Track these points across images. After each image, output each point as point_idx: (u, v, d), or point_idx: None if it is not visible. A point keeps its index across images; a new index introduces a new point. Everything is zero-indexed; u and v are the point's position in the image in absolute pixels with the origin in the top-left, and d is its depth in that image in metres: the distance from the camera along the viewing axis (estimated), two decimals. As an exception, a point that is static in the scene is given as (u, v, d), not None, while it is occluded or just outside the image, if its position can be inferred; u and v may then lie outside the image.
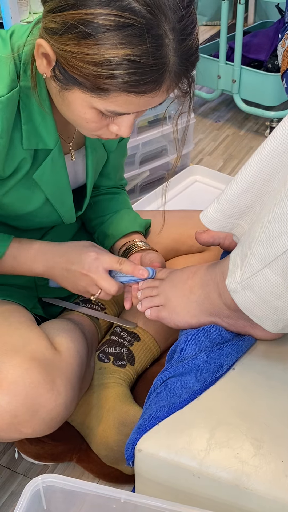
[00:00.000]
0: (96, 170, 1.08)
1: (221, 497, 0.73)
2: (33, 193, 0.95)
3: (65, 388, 0.90)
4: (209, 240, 0.95)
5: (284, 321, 0.76)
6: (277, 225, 0.70)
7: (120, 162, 1.18)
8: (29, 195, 0.94)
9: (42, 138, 0.89)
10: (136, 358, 1.11)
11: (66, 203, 1.01)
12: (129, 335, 1.12)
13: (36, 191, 0.95)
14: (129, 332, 1.12)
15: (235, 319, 0.87)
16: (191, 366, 0.83)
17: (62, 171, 0.96)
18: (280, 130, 0.73)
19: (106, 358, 1.09)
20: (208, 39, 2.72)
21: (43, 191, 0.95)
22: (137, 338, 1.12)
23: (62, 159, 0.94)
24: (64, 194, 0.99)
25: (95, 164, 1.06)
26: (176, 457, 0.74)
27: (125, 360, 1.09)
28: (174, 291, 0.92)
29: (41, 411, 0.86)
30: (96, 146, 1.04)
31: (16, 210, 0.96)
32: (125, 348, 1.11)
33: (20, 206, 0.96)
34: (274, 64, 2.21)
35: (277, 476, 0.70)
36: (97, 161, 1.07)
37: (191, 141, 1.89)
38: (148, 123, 1.72)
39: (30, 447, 1.06)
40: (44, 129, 0.89)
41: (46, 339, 0.94)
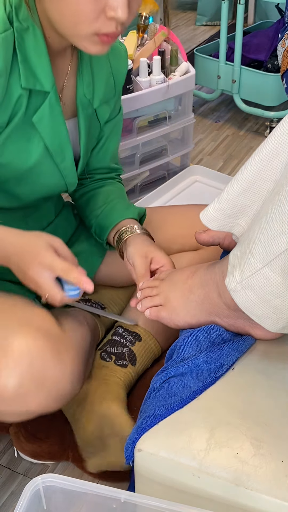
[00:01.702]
0: (89, 140, 1.07)
1: (221, 496, 0.72)
2: (31, 143, 0.94)
3: (71, 362, 0.89)
4: (209, 240, 0.95)
5: (284, 320, 0.76)
6: (276, 225, 0.70)
7: (113, 143, 1.16)
8: (27, 146, 0.94)
9: (38, 79, 0.90)
10: (137, 358, 1.11)
11: (67, 158, 1.00)
12: (130, 335, 1.12)
13: (35, 140, 0.94)
14: (130, 332, 1.12)
15: (235, 318, 0.87)
16: (190, 366, 0.83)
17: (60, 119, 0.96)
18: (279, 130, 0.73)
19: (108, 357, 1.09)
20: (208, 39, 2.72)
21: (42, 138, 0.94)
22: (139, 338, 1.12)
23: (59, 106, 0.95)
24: (63, 146, 0.99)
25: (88, 130, 1.05)
26: (176, 457, 0.74)
27: (126, 360, 1.09)
28: (174, 291, 0.92)
29: (47, 383, 0.84)
30: (88, 115, 1.04)
31: (17, 167, 0.95)
32: (126, 348, 1.11)
33: (20, 161, 0.94)
34: (274, 64, 2.21)
35: (277, 476, 0.70)
36: (90, 130, 1.06)
37: (191, 141, 1.89)
38: (148, 123, 1.72)
39: (27, 445, 1.06)
40: (40, 70, 0.90)
41: (52, 318, 0.93)
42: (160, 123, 1.74)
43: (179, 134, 1.87)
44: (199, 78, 2.22)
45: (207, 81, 2.25)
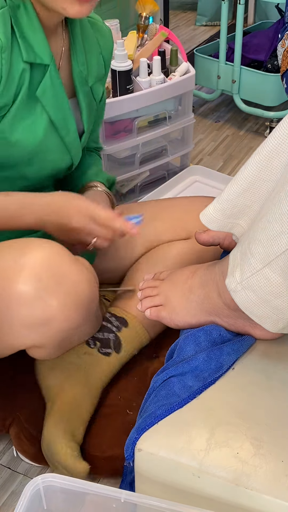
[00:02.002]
0: (90, 116, 1.10)
1: (220, 496, 0.73)
2: (37, 118, 0.95)
3: (88, 269, 0.90)
4: (209, 240, 0.95)
5: (284, 321, 0.76)
6: (276, 225, 0.71)
7: (99, 125, 1.22)
8: (34, 122, 0.95)
9: (37, 54, 0.92)
10: (123, 345, 1.08)
11: (71, 132, 1.02)
12: (117, 320, 1.10)
13: (40, 115, 0.96)
14: (117, 317, 1.10)
15: (235, 318, 0.87)
16: (191, 365, 0.83)
17: (61, 91, 0.98)
18: (279, 130, 0.73)
19: (92, 343, 1.07)
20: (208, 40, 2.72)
21: (46, 112, 0.96)
22: (125, 323, 1.10)
23: (59, 79, 0.97)
24: (67, 120, 1.01)
25: (88, 107, 1.08)
26: (176, 457, 0.74)
27: (111, 347, 1.07)
28: (174, 291, 0.92)
29: (65, 281, 0.85)
30: (86, 92, 1.06)
31: (26, 144, 0.96)
32: (112, 333, 1.08)
33: (28, 138, 0.95)
34: (274, 64, 2.21)
35: (277, 476, 0.70)
36: (90, 107, 1.09)
37: (191, 141, 1.89)
38: (148, 123, 1.72)
39: (29, 447, 1.06)
40: (37, 44, 0.91)
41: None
42: (160, 123, 1.74)
43: (179, 134, 1.87)
44: (199, 78, 2.22)
45: (207, 81, 2.25)
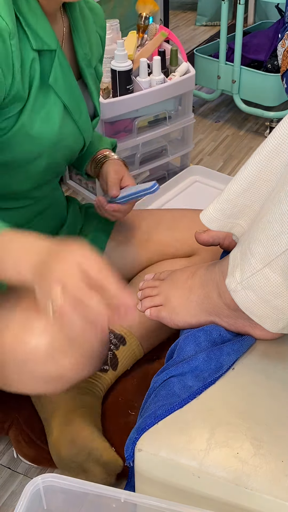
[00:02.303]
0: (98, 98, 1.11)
1: (221, 496, 0.73)
2: (53, 107, 0.95)
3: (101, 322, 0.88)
4: (209, 240, 0.95)
5: (284, 321, 0.76)
6: (276, 225, 0.71)
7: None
8: (50, 112, 0.94)
9: (43, 40, 0.91)
10: (119, 363, 1.10)
11: (83, 113, 1.02)
12: (115, 338, 1.11)
13: (54, 103, 0.95)
14: (115, 334, 1.11)
15: (235, 318, 0.87)
16: (190, 365, 0.83)
17: (71, 75, 0.98)
18: (279, 130, 0.73)
19: None
20: (208, 40, 2.72)
21: (60, 98, 0.95)
22: (123, 341, 1.11)
23: (67, 62, 0.96)
24: (79, 102, 1.01)
25: (97, 90, 1.09)
26: (176, 457, 0.74)
27: (108, 364, 1.09)
28: (174, 291, 0.92)
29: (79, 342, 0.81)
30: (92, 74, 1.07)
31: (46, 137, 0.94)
32: (110, 352, 1.10)
33: (48, 130, 0.94)
34: (274, 64, 2.21)
35: (277, 476, 0.70)
36: (97, 89, 1.10)
37: (191, 141, 1.89)
38: (148, 123, 1.72)
39: (28, 450, 1.06)
40: (42, 30, 0.90)
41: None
42: (160, 123, 1.74)
43: (179, 134, 1.88)
44: (199, 78, 2.22)
45: (207, 81, 2.25)
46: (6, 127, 0.90)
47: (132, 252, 1.21)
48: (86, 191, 1.83)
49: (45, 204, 1.11)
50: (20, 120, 0.91)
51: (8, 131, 0.91)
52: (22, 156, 0.95)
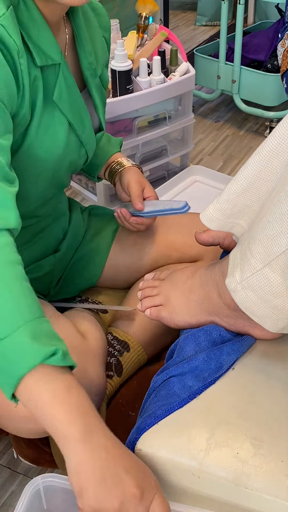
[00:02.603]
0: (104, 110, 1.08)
1: (220, 496, 0.73)
2: (58, 124, 0.91)
3: (97, 375, 0.87)
4: (209, 240, 0.95)
5: (284, 321, 0.76)
6: (276, 225, 0.71)
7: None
8: (56, 129, 0.91)
9: (46, 54, 0.86)
10: (124, 370, 1.10)
11: (86, 126, 0.98)
12: (119, 344, 1.11)
13: (59, 120, 0.92)
14: (119, 340, 1.11)
15: (235, 318, 0.87)
16: (190, 365, 0.83)
17: (75, 89, 0.94)
18: (279, 129, 0.73)
19: None
20: (207, 40, 2.72)
21: (64, 115, 0.92)
22: (127, 348, 1.11)
23: (71, 75, 0.92)
24: (82, 116, 0.97)
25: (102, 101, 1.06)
26: (176, 457, 0.74)
27: (112, 371, 1.08)
28: (174, 291, 0.92)
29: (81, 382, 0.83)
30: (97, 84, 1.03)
31: (52, 156, 0.92)
32: (114, 358, 1.09)
33: (55, 148, 0.92)
34: (274, 64, 2.21)
35: (277, 476, 0.70)
36: (102, 100, 1.06)
37: (191, 141, 1.89)
38: (148, 123, 1.72)
39: (28, 451, 1.06)
40: (45, 43, 0.85)
41: (73, 326, 0.91)
42: (160, 123, 1.74)
43: (179, 134, 1.88)
44: (199, 78, 2.22)
45: (207, 81, 2.25)
46: (12, 149, 0.85)
47: (137, 255, 1.20)
48: (86, 191, 1.83)
49: (47, 222, 1.10)
50: (26, 141, 0.88)
51: (14, 153, 0.86)
52: (27, 178, 0.92)
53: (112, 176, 1.19)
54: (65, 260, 1.16)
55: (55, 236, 1.13)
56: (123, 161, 1.18)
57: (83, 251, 1.19)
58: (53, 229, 1.12)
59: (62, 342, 0.66)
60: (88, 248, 1.19)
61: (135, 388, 1.12)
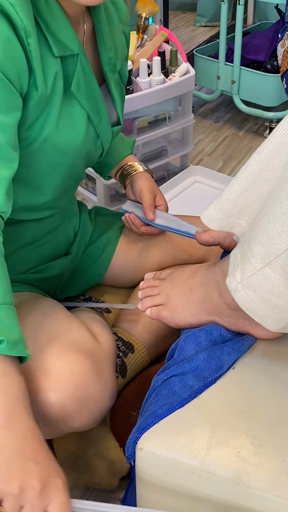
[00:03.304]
0: (122, 105, 1.07)
1: (221, 496, 0.73)
2: (76, 115, 0.91)
3: (110, 378, 0.88)
4: (209, 240, 0.95)
5: (284, 320, 0.76)
6: (277, 225, 0.71)
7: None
8: (74, 118, 0.91)
9: (65, 44, 0.86)
10: (128, 371, 1.10)
11: (103, 119, 0.97)
12: (124, 345, 1.11)
13: (78, 111, 0.91)
14: (124, 341, 1.11)
15: (236, 318, 0.87)
16: (191, 365, 0.83)
17: (93, 80, 0.93)
18: (280, 129, 0.74)
19: None
20: (207, 40, 2.73)
21: (82, 105, 0.91)
22: (132, 349, 1.11)
23: (89, 67, 0.92)
24: (99, 107, 0.96)
25: (120, 97, 1.04)
26: (177, 456, 0.74)
27: (117, 372, 1.08)
28: (175, 291, 0.92)
29: (89, 403, 0.83)
30: (116, 79, 1.02)
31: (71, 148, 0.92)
32: (119, 359, 1.09)
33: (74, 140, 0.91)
34: (274, 64, 2.21)
35: (278, 475, 0.71)
36: (121, 96, 1.05)
37: (191, 141, 1.89)
38: (148, 123, 1.72)
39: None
40: (63, 34, 0.85)
41: (86, 329, 0.91)
42: (160, 123, 1.74)
43: (179, 134, 1.88)
44: (198, 79, 2.22)
45: (207, 81, 2.25)
46: (30, 137, 0.86)
47: (143, 255, 1.20)
48: (86, 191, 1.83)
49: (61, 220, 1.10)
50: (45, 131, 0.87)
51: (32, 142, 0.87)
52: (45, 168, 0.92)
53: (123, 179, 1.19)
54: (75, 262, 1.17)
55: (67, 236, 1.13)
56: (135, 165, 1.18)
57: (89, 250, 1.19)
58: (65, 229, 1.12)
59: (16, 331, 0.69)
60: (94, 247, 1.20)
61: (136, 388, 1.12)
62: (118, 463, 0.98)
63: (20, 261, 1.03)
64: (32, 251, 1.05)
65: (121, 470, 0.99)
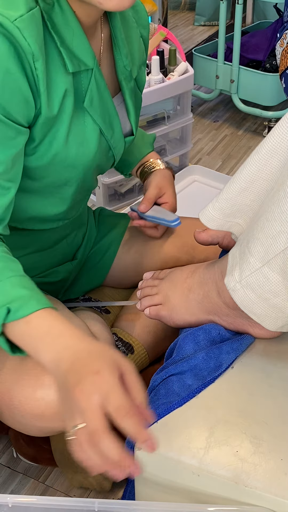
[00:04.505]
0: (137, 114, 1.04)
1: (220, 495, 0.73)
2: (88, 131, 0.89)
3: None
4: (208, 239, 0.95)
5: (283, 319, 0.76)
6: (276, 224, 0.71)
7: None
8: (85, 134, 0.89)
9: (79, 59, 0.83)
10: None
11: (115, 131, 0.95)
12: (123, 346, 1.11)
13: (89, 126, 0.89)
14: (124, 342, 1.11)
15: (234, 317, 0.87)
16: (190, 364, 0.83)
17: (107, 94, 0.91)
18: (278, 129, 0.74)
19: None
20: (206, 39, 2.73)
21: (95, 121, 0.89)
22: (131, 350, 1.11)
23: (103, 80, 0.89)
24: (112, 121, 0.94)
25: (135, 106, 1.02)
26: (176, 455, 0.74)
27: None
28: (173, 290, 0.92)
29: None
30: (131, 88, 0.99)
31: (82, 163, 0.91)
32: None
33: (84, 154, 0.90)
34: (272, 64, 2.21)
35: (276, 474, 0.71)
36: (136, 103, 1.03)
37: (190, 141, 1.89)
38: (147, 123, 1.72)
39: (27, 449, 1.06)
40: (79, 47, 0.83)
41: (86, 328, 0.91)
42: (159, 123, 1.74)
43: (178, 133, 1.88)
44: (197, 78, 2.22)
45: (206, 81, 2.25)
46: (39, 153, 0.85)
47: (145, 257, 1.19)
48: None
49: (73, 227, 1.09)
50: (53, 148, 0.85)
51: (41, 157, 0.86)
52: (57, 181, 0.91)
53: (143, 176, 1.19)
54: (79, 266, 1.17)
55: (76, 242, 1.13)
56: (156, 162, 1.17)
57: (91, 253, 1.19)
58: (76, 236, 1.12)
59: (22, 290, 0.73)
60: (96, 250, 1.19)
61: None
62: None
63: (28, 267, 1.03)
64: (41, 258, 1.05)
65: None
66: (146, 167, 1.18)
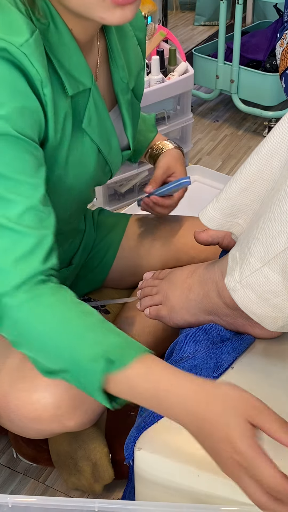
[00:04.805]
0: (134, 126, 1.03)
1: (220, 495, 0.73)
2: (87, 151, 0.88)
3: None
4: (208, 239, 0.95)
5: (283, 319, 0.76)
6: (276, 224, 0.71)
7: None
8: (84, 155, 0.88)
9: (77, 80, 0.82)
10: None
11: (113, 147, 0.94)
12: None
13: (88, 146, 0.88)
14: None
15: (234, 317, 0.87)
16: (190, 364, 0.83)
17: (105, 112, 0.89)
18: (278, 129, 0.74)
19: None
20: (206, 39, 2.73)
21: (93, 141, 0.88)
22: None
23: (101, 98, 0.88)
24: (110, 138, 0.93)
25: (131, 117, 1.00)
26: (176, 455, 0.74)
27: None
28: (173, 290, 0.92)
29: (84, 402, 0.83)
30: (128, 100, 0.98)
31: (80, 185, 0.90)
32: None
33: (84, 177, 0.90)
34: (272, 64, 2.21)
35: (276, 474, 0.70)
36: (133, 115, 1.01)
37: (190, 141, 1.89)
38: (146, 123, 1.72)
39: (27, 449, 1.06)
40: (76, 68, 0.81)
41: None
42: (159, 123, 1.74)
43: (178, 133, 1.88)
44: (197, 78, 2.22)
45: (206, 81, 2.25)
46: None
47: (145, 258, 1.19)
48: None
49: (69, 236, 1.09)
50: (55, 172, 0.84)
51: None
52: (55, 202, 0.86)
53: (152, 159, 1.18)
54: (76, 271, 1.16)
55: (72, 249, 1.13)
56: (163, 143, 1.16)
57: (90, 257, 1.18)
58: (72, 243, 1.12)
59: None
60: (95, 254, 1.19)
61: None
62: (102, 468, 0.98)
63: None
64: None
65: (103, 477, 0.99)
66: (154, 151, 1.17)
